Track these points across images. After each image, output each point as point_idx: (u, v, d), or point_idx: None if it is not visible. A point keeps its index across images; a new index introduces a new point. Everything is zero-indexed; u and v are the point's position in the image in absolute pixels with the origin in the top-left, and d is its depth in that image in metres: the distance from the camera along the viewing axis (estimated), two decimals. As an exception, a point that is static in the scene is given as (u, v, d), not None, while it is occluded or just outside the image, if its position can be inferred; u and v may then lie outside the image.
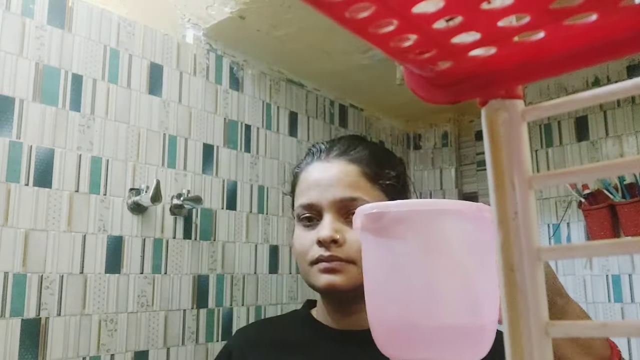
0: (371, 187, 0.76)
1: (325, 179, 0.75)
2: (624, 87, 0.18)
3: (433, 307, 0.39)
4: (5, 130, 0.96)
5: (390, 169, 0.79)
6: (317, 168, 0.78)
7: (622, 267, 1.58)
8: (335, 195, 0.74)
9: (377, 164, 0.77)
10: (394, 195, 0.78)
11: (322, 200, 0.74)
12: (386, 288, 0.41)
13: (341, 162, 0.77)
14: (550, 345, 0.20)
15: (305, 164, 0.81)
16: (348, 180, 0.74)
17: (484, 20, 0.18)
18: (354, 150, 0.78)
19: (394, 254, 0.40)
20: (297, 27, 1.32)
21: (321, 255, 0.74)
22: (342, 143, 0.80)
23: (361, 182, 0.75)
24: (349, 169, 0.76)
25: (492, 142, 0.22)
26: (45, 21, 1.04)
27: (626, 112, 1.62)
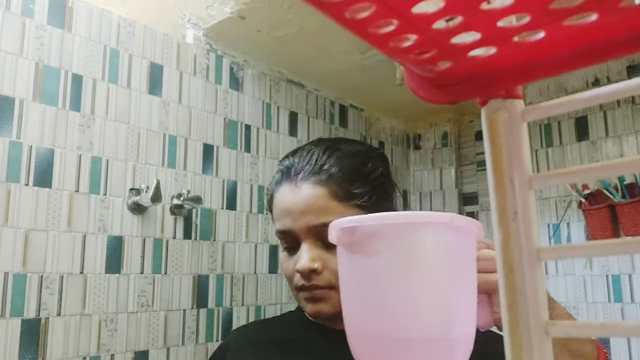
0: (344, 207, 0.74)
1: (295, 206, 0.74)
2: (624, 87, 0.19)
3: (406, 321, 0.39)
4: (5, 130, 0.96)
5: (363, 182, 0.76)
6: (286, 192, 0.76)
7: (622, 267, 1.58)
8: (308, 222, 0.73)
9: (347, 180, 0.75)
10: (371, 207, 0.75)
11: (296, 229, 0.74)
12: (361, 301, 0.41)
13: (309, 185, 0.74)
14: (550, 345, 0.20)
15: (275, 183, 0.80)
16: (318, 205, 0.73)
17: (484, 20, 0.18)
18: (322, 169, 0.75)
19: (368, 268, 0.40)
20: (297, 27, 1.32)
21: (303, 284, 0.74)
22: (309, 158, 0.77)
23: (332, 205, 0.73)
24: (318, 193, 0.73)
25: (492, 142, 0.22)
26: (45, 21, 1.04)
27: (626, 112, 1.62)
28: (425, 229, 0.40)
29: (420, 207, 2.05)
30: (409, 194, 2.07)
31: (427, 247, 0.40)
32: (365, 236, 0.40)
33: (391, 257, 0.40)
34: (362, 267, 0.41)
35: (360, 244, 0.40)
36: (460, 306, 0.41)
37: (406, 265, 0.39)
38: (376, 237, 0.40)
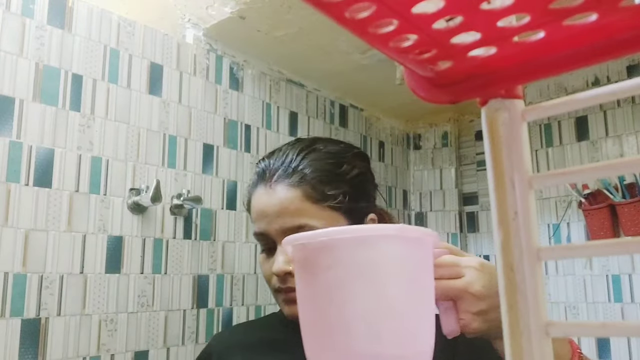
0: (318, 209, 0.73)
1: (270, 209, 0.74)
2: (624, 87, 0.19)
3: (358, 337, 0.38)
4: (5, 130, 0.96)
5: (338, 183, 0.76)
6: (261, 195, 0.77)
7: (622, 267, 1.58)
8: (282, 225, 0.73)
9: (322, 182, 0.75)
10: (346, 209, 0.75)
11: (271, 231, 0.74)
12: (314, 318, 0.40)
13: (283, 187, 0.74)
14: (550, 345, 0.20)
15: (252, 186, 0.81)
16: (292, 207, 0.73)
17: (484, 20, 0.18)
18: (296, 170, 0.75)
19: (319, 284, 0.40)
20: (297, 27, 1.32)
21: (279, 286, 0.75)
22: (283, 159, 0.77)
23: (306, 207, 0.73)
24: (292, 195, 0.74)
25: (492, 142, 0.22)
26: (45, 21, 1.04)
27: (626, 112, 1.62)
28: (375, 242, 0.39)
29: (420, 207, 2.05)
30: (409, 193, 2.07)
31: (377, 261, 0.39)
32: (315, 252, 0.39)
33: (341, 272, 0.39)
34: (314, 283, 0.40)
35: (311, 260, 0.40)
36: (415, 321, 0.40)
37: (356, 280, 0.38)
38: (326, 253, 0.39)
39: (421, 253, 0.42)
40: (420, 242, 0.41)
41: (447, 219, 1.99)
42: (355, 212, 0.77)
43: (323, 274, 0.39)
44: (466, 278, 0.51)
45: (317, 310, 0.40)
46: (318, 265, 0.39)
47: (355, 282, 0.39)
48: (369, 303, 0.39)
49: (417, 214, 2.05)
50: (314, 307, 0.40)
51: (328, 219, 0.74)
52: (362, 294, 0.39)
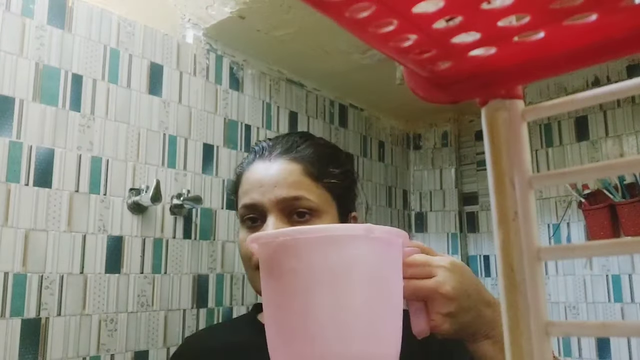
0: (315, 186, 0.74)
1: (267, 179, 0.74)
2: (624, 87, 0.18)
3: (324, 339, 0.37)
4: (5, 130, 0.96)
5: (335, 167, 0.77)
6: (259, 167, 0.76)
7: (622, 267, 1.58)
8: (278, 195, 0.72)
9: (320, 162, 0.76)
10: (339, 194, 0.76)
11: (265, 201, 0.73)
12: (277, 318, 0.39)
13: (284, 161, 0.75)
14: (550, 345, 0.20)
15: (247, 163, 0.80)
16: (291, 179, 0.73)
17: (484, 20, 0.18)
18: (297, 149, 0.76)
19: (284, 284, 0.38)
20: (297, 27, 1.32)
21: None
22: (286, 141, 0.78)
23: (304, 181, 0.73)
24: (292, 168, 0.74)
25: (492, 142, 0.22)
26: (45, 21, 1.04)
27: (626, 112, 1.62)
28: (342, 243, 0.38)
29: (420, 207, 2.05)
30: (409, 193, 2.07)
31: (343, 263, 0.38)
32: (280, 252, 0.38)
33: (305, 274, 0.38)
34: (278, 284, 0.39)
35: (276, 260, 0.39)
36: (381, 323, 0.39)
37: (321, 281, 0.37)
38: (290, 253, 0.38)
39: (389, 253, 0.41)
40: (389, 242, 0.40)
41: (447, 219, 1.99)
42: (344, 201, 0.77)
43: (287, 275, 0.38)
44: (437, 278, 0.50)
45: (282, 312, 0.39)
46: (282, 266, 0.38)
47: (320, 283, 0.38)
48: (333, 306, 0.38)
49: (417, 214, 2.05)
50: (278, 308, 0.39)
51: (322, 198, 0.74)
52: (327, 296, 0.38)
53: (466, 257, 1.95)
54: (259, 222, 0.75)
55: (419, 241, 2.06)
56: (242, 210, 0.77)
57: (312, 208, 0.72)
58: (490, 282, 1.90)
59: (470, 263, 1.95)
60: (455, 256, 1.94)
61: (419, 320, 0.51)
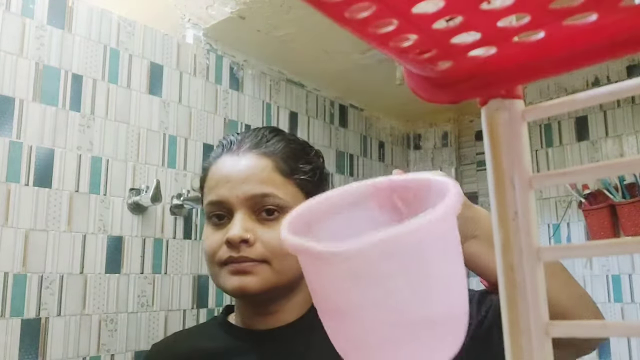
0: (285, 182, 0.72)
1: (235, 174, 0.71)
2: (624, 87, 0.19)
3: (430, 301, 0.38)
4: (5, 130, 0.96)
5: (306, 163, 0.75)
6: (227, 162, 0.73)
7: (622, 267, 1.58)
8: (246, 191, 0.70)
9: (291, 157, 0.74)
10: (310, 190, 0.73)
11: (232, 197, 0.70)
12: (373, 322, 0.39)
13: (253, 155, 0.72)
14: (550, 345, 0.21)
15: (214, 157, 0.77)
16: (261, 175, 0.71)
17: (484, 20, 0.18)
18: (266, 143, 0.74)
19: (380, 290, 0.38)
20: (297, 27, 1.32)
21: (231, 256, 0.69)
22: (255, 135, 0.75)
23: (274, 177, 0.71)
24: (262, 164, 0.72)
25: (492, 142, 0.22)
26: (45, 21, 1.04)
27: (626, 112, 1.62)
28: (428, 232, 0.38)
29: (420, 207, 2.05)
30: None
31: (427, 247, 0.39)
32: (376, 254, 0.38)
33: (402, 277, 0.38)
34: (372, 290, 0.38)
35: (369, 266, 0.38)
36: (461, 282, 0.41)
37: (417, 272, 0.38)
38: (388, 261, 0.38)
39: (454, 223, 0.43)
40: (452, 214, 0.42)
41: (447, 219, 1.98)
42: (319, 192, 0.76)
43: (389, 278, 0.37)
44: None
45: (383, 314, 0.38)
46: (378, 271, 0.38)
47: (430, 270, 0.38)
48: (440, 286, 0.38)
49: (417, 214, 2.05)
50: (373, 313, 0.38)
51: (292, 195, 0.72)
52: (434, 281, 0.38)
53: (466, 257, 1.95)
54: (225, 219, 0.72)
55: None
56: (208, 207, 0.74)
57: (281, 205, 0.70)
58: (490, 282, 1.90)
59: (470, 263, 1.95)
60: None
61: None
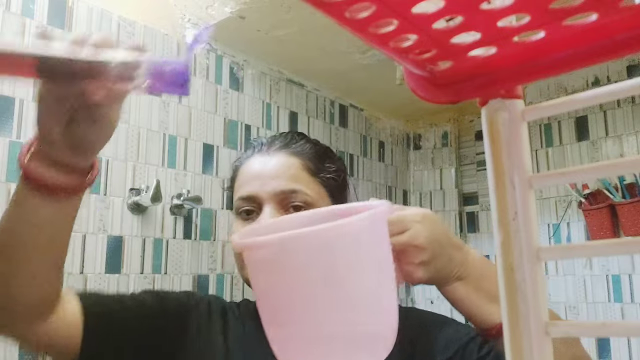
0: (312, 181, 0.75)
1: (266, 171, 0.74)
2: (624, 87, 0.19)
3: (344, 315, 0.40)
4: (5, 130, 0.96)
5: (331, 164, 0.79)
6: (257, 160, 0.77)
7: (622, 267, 1.58)
8: (276, 187, 0.73)
9: (317, 158, 0.77)
10: (333, 190, 0.77)
11: (262, 193, 0.73)
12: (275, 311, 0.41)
13: (283, 154, 0.76)
14: (550, 345, 0.21)
15: (245, 157, 0.81)
16: (290, 172, 0.74)
17: (484, 20, 0.18)
18: (295, 144, 0.78)
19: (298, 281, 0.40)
20: (297, 27, 1.32)
21: None
22: (284, 137, 0.80)
23: (302, 175, 0.74)
24: (291, 162, 0.75)
25: (492, 142, 0.22)
26: (45, 21, 1.04)
27: (626, 112, 1.62)
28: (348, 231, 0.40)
29: (420, 206, 2.05)
30: (409, 193, 2.07)
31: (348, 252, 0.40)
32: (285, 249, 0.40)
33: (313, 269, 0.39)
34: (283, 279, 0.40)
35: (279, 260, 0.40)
36: (386, 299, 0.42)
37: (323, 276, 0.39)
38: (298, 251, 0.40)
39: (384, 227, 0.44)
40: (377, 221, 0.43)
41: (447, 219, 1.99)
42: (338, 199, 0.78)
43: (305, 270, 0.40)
44: (410, 232, 0.54)
45: (285, 309, 0.41)
46: (299, 263, 0.40)
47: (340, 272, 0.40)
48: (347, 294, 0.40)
49: (417, 214, 2.05)
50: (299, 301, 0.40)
51: (318, 193, 0.75)
52: (336, 287, 0.40)
53: (466, 257, 1.95)
54: (254, 214, 0.75)
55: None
56: (238, 202, 0.77)
57: (308, 202, 0.72)
58: (490, 282, 1.90)
59: (470, 263, 1.95)
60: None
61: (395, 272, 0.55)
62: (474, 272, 0.58)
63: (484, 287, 0.57)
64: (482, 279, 0.58)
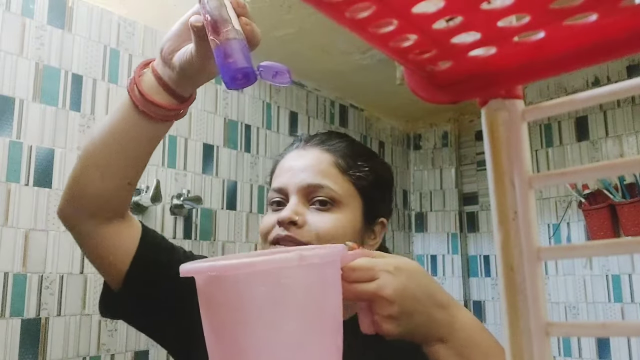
0: (341, 178, 0.75)
1: (297, 165, 0.76)
2: (624, 87, 0.19)
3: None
4: (5, 130, 0.96)
5: (364, 162, 0.79)
6: (293, 155, 0.79)
7: (622, 267, 1.58)
8: (303, 179, 0.74)
9: (350, 155, 0.78)
10: (364, 190, 0.77)
11: (290, 184, 0.74)
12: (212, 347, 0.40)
13: (316, 150, 0.77)
14: (549, 345, 0.21)
15: (284, 153, 0.82)
16: (319, 167, 0.75)
17: (484, 20, 0.18)
18: (331, 141, 0.79)
19: (216, 318, 0.39)
20: (297, 28, 1.32)
21: (278, 235, 0.72)
22: (324, 135, 0.81)
23: (331, 171, 0.75)
24: (322, 157, 0.76)
25: (492, 142, 0.22)
26: (45, 21, 1.04)
27: (626, 112, 1.62)
28: (269, 276, 0.37)
29: (420, 207, 2.05)
30: (409, 193, 2.07)
31: (271, 295, 0.38)
32: (211, 283, 0.39)
33: (234, 307, 0.38)
34: (212, 314, 0.39)
35: (208, 292, 0.39)
36: (313, 346, 0.39)
37: (250, 314, 0.38)
38: (220, 287, 0.38)
39: (324, 274, 0.41)
40: (323, 264, 0.41)
41: (447, 219, 1.99)
42: (371, 201, 0.77)
43: (219, 309, 0.38)
44: (378, 281, 0.51)
45: (217, 342, 0.39)
46: (214, 299, 0.38)
47: (250, 316, 0.38)
48: (264, 337, 0.38)
49: (417, 214, 2.05)
50: (213, 338, 0.39)
51: (346, 190, 0.75)
52: (257, 328, 0.38)
53: (466, 257, 1.95)
54: (282, 205, 0.76)
55: (419, 241, 2.05)
56: (271, 193, 0.78)
57: (334, 198, 0.73)
58: (491, 282, 1.90)
59: (470, 263, 1.95)
60: (455, 256, 1.94)
61: (364, 320, 0.52)
62: (459, 337, 0.54)
63: (467, 356, 0.54)
64: (469, 347, 0.54)
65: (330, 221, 0.70)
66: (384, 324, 0.51)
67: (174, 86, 0.60)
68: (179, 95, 0.62)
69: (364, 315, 0.53)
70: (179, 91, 0.61)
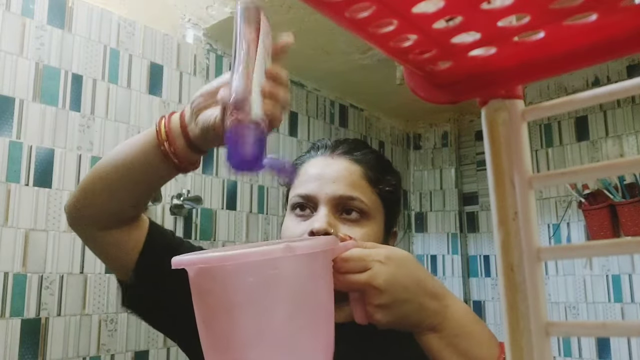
0: (371, 190, 0.76)
1: (327, 174, 0.75)
2: (624, 87, 0.18)
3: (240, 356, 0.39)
4: (5, 130, 0.96)
5: (391, 177, 0.79)
6: (320, 162, 0.78)
7: (622, 267, 1.58)
8: (335, 191, 0.73)
9: (378, 169, 0.78)
10: (389, 204, 0.78)
11: (321, 194, 0.74)
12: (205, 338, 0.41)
13: (345, 160, 0.77)
14: (549, 345, 0.21)
15: (308, 157, 0.82)
16: (350, 179, 0.75)
17: (484, 20, 0.18)
18: (359, 152, 0.79)
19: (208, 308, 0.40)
20: (297, 28, 1.32)
21: None
22: (348, 143, 0.81)
23: (362, 183, 0.75)
24: (353, 169, 0.76)
25: (492, 142, 0.22)
26: (45, 21, 1.04)
27: (626, 112, 1.62)
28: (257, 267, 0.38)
29: (420, 207, 2.05)
30: (409, 194, 2.07)
31: (259, 285, 0.38)
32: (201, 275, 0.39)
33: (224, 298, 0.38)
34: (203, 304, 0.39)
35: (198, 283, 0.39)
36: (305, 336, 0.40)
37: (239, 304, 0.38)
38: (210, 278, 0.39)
39: (314, 266, 0.41)
40: (313, 255, 0.41)
41: (447, 219, 1.99)
42: (391, 213, 0.78)
43: (210, 299, 0.39)
44: (370, 272, 0.52)
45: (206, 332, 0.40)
46: (205, 290, 0.39)
47: (239, 306, 0.38)
48: (253, 327, 0.38)
49: (417, 214, 2.05)
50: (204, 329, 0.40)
51: (375, 203, 0.76)
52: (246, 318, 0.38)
53: (466, 257, 1.95)
54: (307, 211, 0.76)
55: (419, 241, 2.04)
56: (295, 198, 0.77)
57: (363, 211, 0.73)
58: (491, 282, 1.90)
59: (470, 263, 1.95)
60: (455, 256, 1.94)
61: (357, 310, 0.53)
62: (451, 327, 0.54)
63: (459, 346, 0.54)
64: (460, 336, 0.54)
65: (361, 234, 0.71)
66: (375, 314, 0.52)
67: (193, 137, 0.62)
68: (194, 146, 0.63)
69: (356, 305, 0.53)
70: (195, 142, 0.63)
